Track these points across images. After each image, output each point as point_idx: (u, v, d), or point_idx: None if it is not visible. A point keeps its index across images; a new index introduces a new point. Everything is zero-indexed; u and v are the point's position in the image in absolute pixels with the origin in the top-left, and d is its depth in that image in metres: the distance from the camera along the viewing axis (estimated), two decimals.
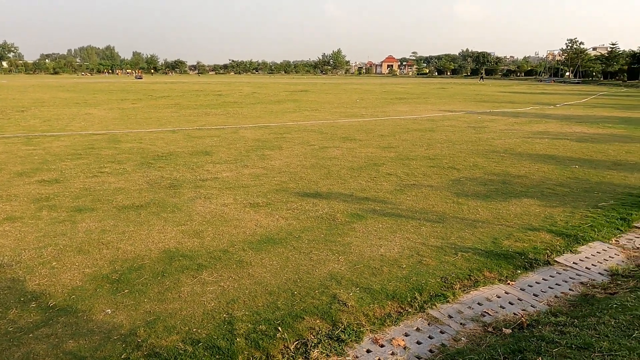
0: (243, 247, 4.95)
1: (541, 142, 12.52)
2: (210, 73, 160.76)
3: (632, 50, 62.69)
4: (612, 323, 3.19)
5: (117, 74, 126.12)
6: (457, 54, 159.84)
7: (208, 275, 4.28)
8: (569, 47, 79.80)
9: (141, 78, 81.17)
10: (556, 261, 4.78)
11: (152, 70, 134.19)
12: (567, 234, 5.50)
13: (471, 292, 4.08)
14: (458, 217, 6.10)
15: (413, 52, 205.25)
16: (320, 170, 8.77)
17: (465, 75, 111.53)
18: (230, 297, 3.88)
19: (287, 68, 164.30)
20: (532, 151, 11.11)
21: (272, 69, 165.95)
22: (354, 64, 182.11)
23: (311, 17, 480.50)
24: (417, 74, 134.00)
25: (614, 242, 5.35)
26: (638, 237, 5.50)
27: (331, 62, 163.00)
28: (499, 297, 4.04)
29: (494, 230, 5.61)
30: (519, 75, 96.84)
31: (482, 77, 76.69)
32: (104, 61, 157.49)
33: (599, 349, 2.82)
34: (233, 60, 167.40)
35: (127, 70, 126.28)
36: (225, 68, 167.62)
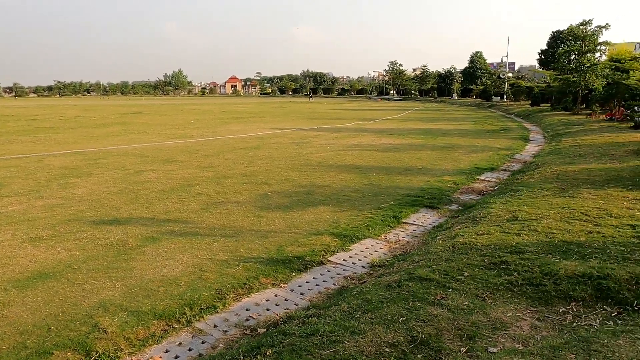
0: (5, 287, 4.50)
1: (352, 154, 13.81)
2: (31, 95, 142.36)
3: (439, 72, 73.39)
4: (345, 308, 3.67)
5: None
6: (299, 74, 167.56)
7: None
8: (390, 69, 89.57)
9: None
10: (329, 260, 5.32)
11: None
12: (346, 234, 6.15)
13: (242, 300, 4.31)
14: (254, 230, 6.39)
15: (257, 72, 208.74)
16: (127, 196, 8.40)
17: (305, 94, 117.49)
18: None
19: (123, 89, 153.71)
20: (341, 162, 12.19)
21: (106, 90, 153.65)
22: (198, 85, 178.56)
23: (151, 36, 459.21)
24: (261, 94, 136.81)
25: (382, 237, 6.16)
26: (402, 232, 6.42)
27: (172, 83, 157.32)
28: (267, 300, 4.33)
29: (283, 238, 6.02)
30: (352, 94, 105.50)
31: (310, 96, 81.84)
32: None
33: (321, 333, 3.22)
34: (59, 81, 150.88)
35: None
36: (50, 90, 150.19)
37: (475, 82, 61.93)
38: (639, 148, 11.27)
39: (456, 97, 65.94)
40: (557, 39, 41.64)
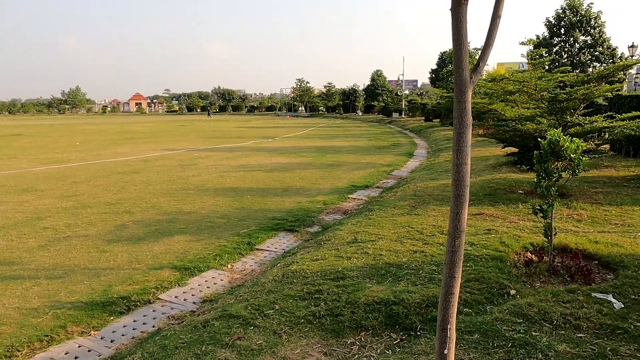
0: None
1: (236, 175, 13.54)
2: None
3: (343, 89, 75.89)
4: (137, 358, 3.39)
5: None
6: (210, 91, 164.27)
7: None
8: (298, 86, 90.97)
9: None
10: (159, 298, 5.00)
11: None
12: (189, 267, 5.87)
13: (36, 356, 3.86)
14: (89, 268, 5.88)
15: (166, 90, 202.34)
16: None
17: (214, 112, 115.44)
18: None
19: (11, 108, 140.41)
20: (220, 185, 11.87)
21: None
22: (101, 102, 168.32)
23: (47, 51, 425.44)
24: (167, 112, 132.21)
25: (228, 267, 5.96)
26: (252, 259, 6.27)
27: (69, 101, 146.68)
28: (67, 353, 3.92)
29: (117, 276, 5.59)
30: (262, 111, 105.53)
31: (208, 113, 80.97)
32: None
33: None
34: None
35: None
36: None
37: (377, 99, 64.74)
38: (498, 162, 12.25)
39: (360, 114, 68.38)
40: (444, 59, 44.93)
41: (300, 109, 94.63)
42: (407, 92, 58.27)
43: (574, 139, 4.13)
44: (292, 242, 7.00)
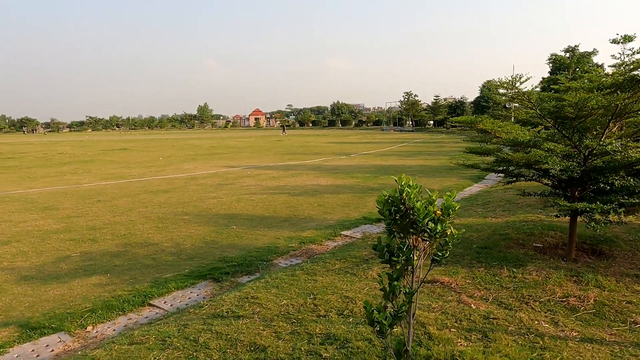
0: None
1: (255, 199, 12.49)
2: (64, 130, 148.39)
3: (449, 102, 71.66)
4: None
5: None
6: (329, 106, 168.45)
7: None
8: (405, 99, 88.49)
9: None
10: None
11: None
12: (39, 326, 4.83)
13: None
14: None
15: (288, 105, 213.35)
16: None
17: (323, 126, 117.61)
18: None
19: (150, 124, 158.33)
20: (224, 211, 10.89)
21: (134, 125, 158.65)
22: (225, 117, 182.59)
23: (187, 70, 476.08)
24: (281, 126, 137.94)
25: (84, 331, 4.79)
26: (127, 319, 5.03)
27: (198, 116, 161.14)
28: None
29: None
30: (369, 125, 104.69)
31: (284, 130, 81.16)
32: None
33: None
34: (90, 117, 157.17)
35: None
36: (82, 125, 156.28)
37: (486, 112, 59.84)
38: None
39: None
40: (559, 64, 39.75)
41: (408, 122, 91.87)
42: (517, 104, 52.76)
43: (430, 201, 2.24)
44: (199, 297, 5.62)
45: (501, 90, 5.61)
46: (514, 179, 5.82)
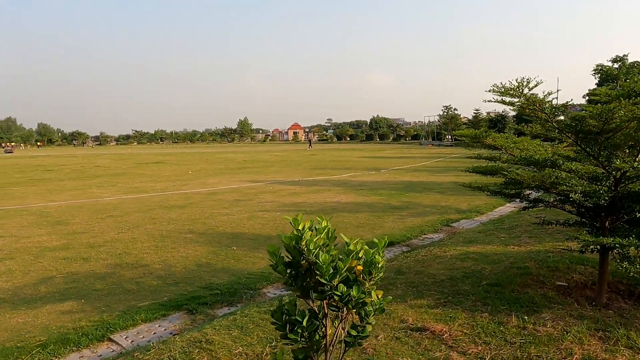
0: None
1: (268, 216, 11.92)
2: (112, 144, 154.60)
3: (490, 116, 69.29)
4: None
5: None
6: (369, 120, 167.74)
7: None
8: (445, 113, 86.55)
9: (11, 152, 74.87)
10: None
11: (39, 143, 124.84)
12: None
13: None
14: None
15: (328, 119, 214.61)
16: None
17: (361, 141, 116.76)
18: None
19: (192, 137, 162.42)
20: (231, 229, 10.36)
21: (177, 138, 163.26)
22: (270, 131, 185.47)
23: (230, 85, 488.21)
24: (318, 140, 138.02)
25: None
26: None
27: (238, 130, 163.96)
28: None
29: None
30: (407, 140, 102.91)
31: (310, 144, 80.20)
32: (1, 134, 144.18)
33: None
34: (136, 131, 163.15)
35: (2, 144, 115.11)
36: (128, 138, 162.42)
37: (529, 125, 57.33)
38: None
39: None
40: (605, 75, 37.40)
41: (447, 137, 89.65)
42: (562, 117, 50.23)
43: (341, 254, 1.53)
44: (166, 332, 5.02)
45: (506, 99, 4.77)
46: (531, 204, 4.96)
